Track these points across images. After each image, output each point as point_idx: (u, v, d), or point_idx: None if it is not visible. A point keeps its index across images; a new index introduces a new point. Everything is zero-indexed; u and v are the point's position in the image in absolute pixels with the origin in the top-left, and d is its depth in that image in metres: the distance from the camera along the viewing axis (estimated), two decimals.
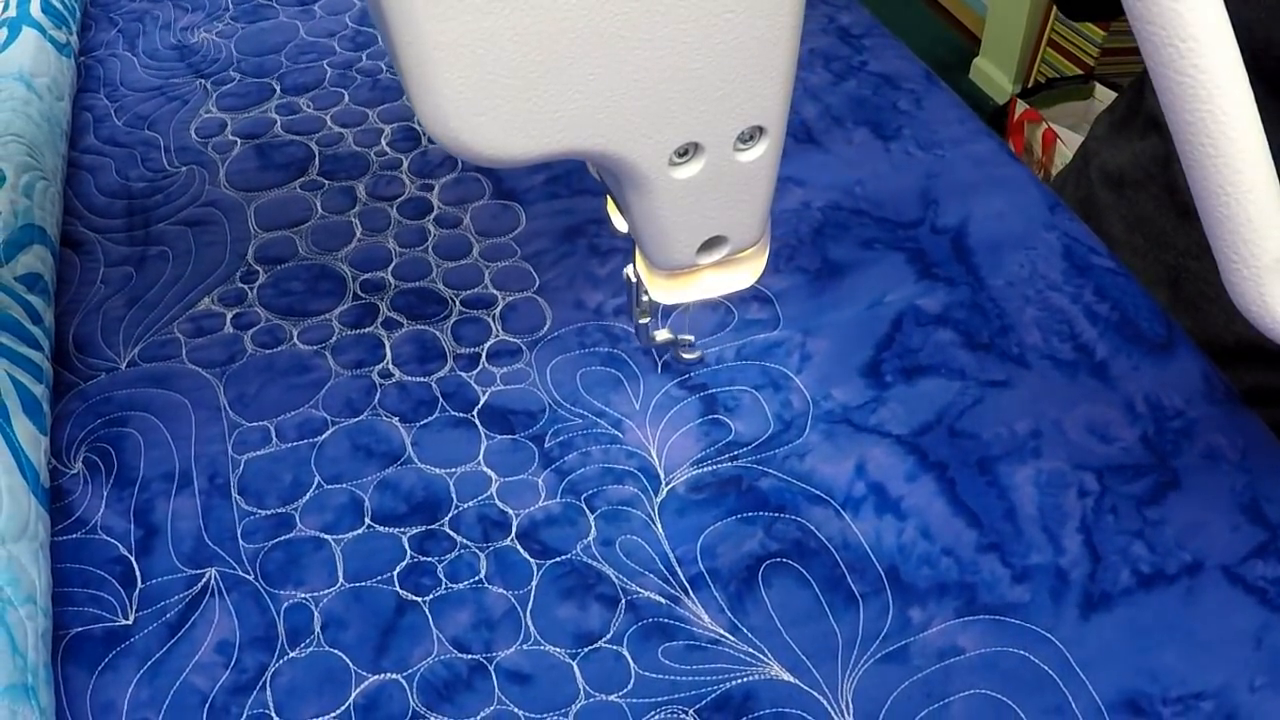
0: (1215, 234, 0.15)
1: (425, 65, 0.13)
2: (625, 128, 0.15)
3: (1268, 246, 0.15)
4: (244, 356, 0.26)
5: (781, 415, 0.24)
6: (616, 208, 0.20)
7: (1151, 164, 0.35)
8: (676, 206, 0.17)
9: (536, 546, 0.22)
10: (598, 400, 0.25)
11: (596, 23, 0.14)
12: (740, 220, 0.18)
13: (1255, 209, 0.15)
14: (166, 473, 0.24)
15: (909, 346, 0.26)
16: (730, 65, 0.15)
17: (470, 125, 0.14)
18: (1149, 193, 0.35)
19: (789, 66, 0.16)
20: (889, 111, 0.33)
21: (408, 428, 0.24)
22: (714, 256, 0.19)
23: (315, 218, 0.30)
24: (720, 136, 0.16)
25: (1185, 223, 0.33)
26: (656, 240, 0.18)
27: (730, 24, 0.15)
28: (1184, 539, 0.22)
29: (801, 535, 0.22)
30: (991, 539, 0.22)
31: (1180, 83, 0.14)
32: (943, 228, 0.29)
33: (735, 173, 0.17)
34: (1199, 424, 0.25)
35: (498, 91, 0.14)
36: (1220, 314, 0.33)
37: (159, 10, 0.39)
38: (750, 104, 0.16)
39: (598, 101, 0.15)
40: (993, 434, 0.24)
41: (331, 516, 0.23)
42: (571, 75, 0.14)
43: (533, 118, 0.14)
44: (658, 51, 0.14)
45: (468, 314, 0.27)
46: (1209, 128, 0.14)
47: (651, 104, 0.15)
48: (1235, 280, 0.16)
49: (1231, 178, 0.15)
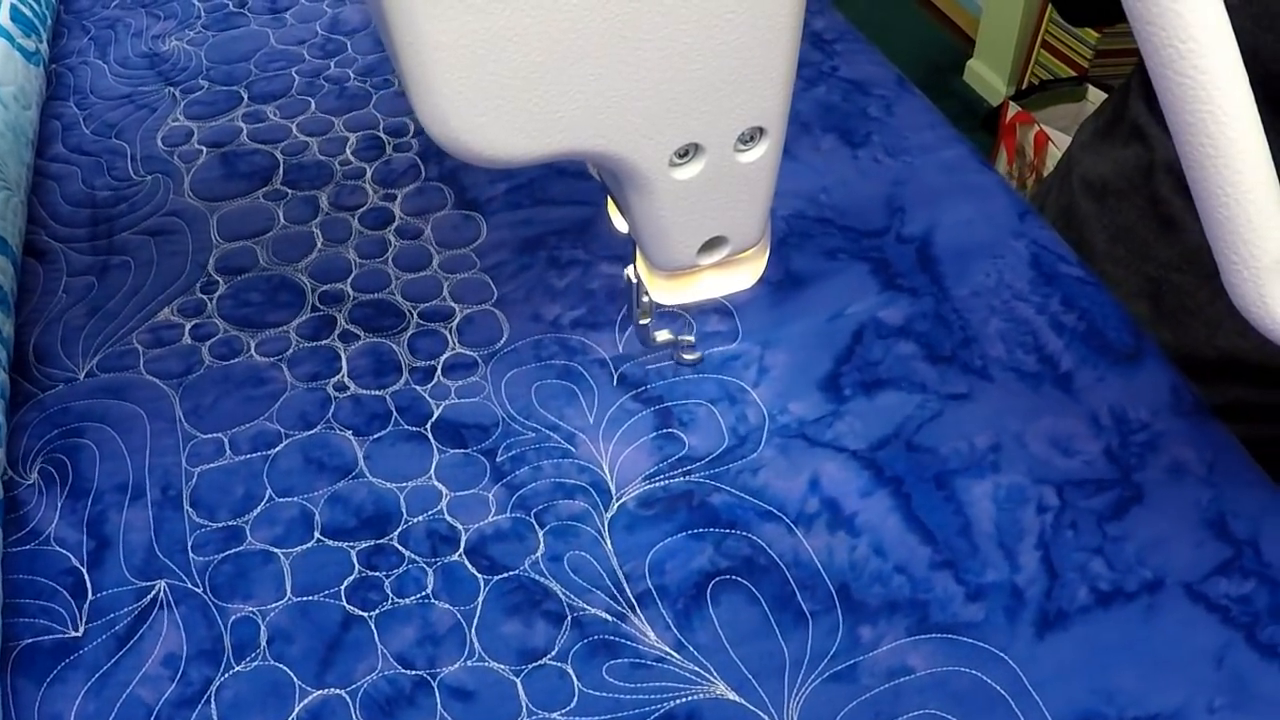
0: (1215, 234, 0.15)
1: (425, 65, 0.13)
2: (626, 128, 0.15)
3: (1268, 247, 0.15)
4: (201, 368, 0.26)
5: (736, 429, 0.24)
6: (617, 208, 0.20)
7: (1134, 174, 0.34)
8: (677, 207, 0.17)
9: (484, 562, 0.22)
10: (551, 414, 0.25)
11: (597, 23, 0.14)
12: (740, 221, 0.18)
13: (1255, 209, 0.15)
14: (120, 484, 0.23)
15: (869, 359, 0.26)
16: (730, 66, 0.15)
17: (470, 125, 0.14)
18: (1131, 203, 0.34)
19: (789, 67, 0.16)
20: (858, 118, 0.33)
21: (360, 441, 0.24)
22: (714, 257, 0.19)
23: (277, 228, 0.30)
24: (720, 137, 0.16)
25: (1167, 234, 0.33)
26: (657, 241, 0.18)
27: (730, 24, 0.14)
28: (1145, 555, 0.22)
29: (752, 552, 0.22)
30: (946, 556, 0.22)
31: (1180, 83, 0.14)
32: (908, 236, 0.29)
33: (735, 173, 0.17)
34: (1165, 437, 0.24)
35: (498, 92, 0.14)
36: (1202, 328, 0.32)
37: (131, 18, 0.39)
38: (750, 104, 0.16)
39: (598, 102, 0.15)
40: (951, 448, 0.24)
41: (282, 530, 0.23)
42: (572, 76, 0.14)
43: (533, 118, 0.14)
44: (658, 52, 0.14)
45: (425, 326, 0.27)
46: (1209, 128, 0.14)
47: (652, 104, 0.15)
48: (1235, 281, 0.15)
49: (1231, 178, 0.14)
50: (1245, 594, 0.22)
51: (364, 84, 0.34)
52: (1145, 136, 0.34)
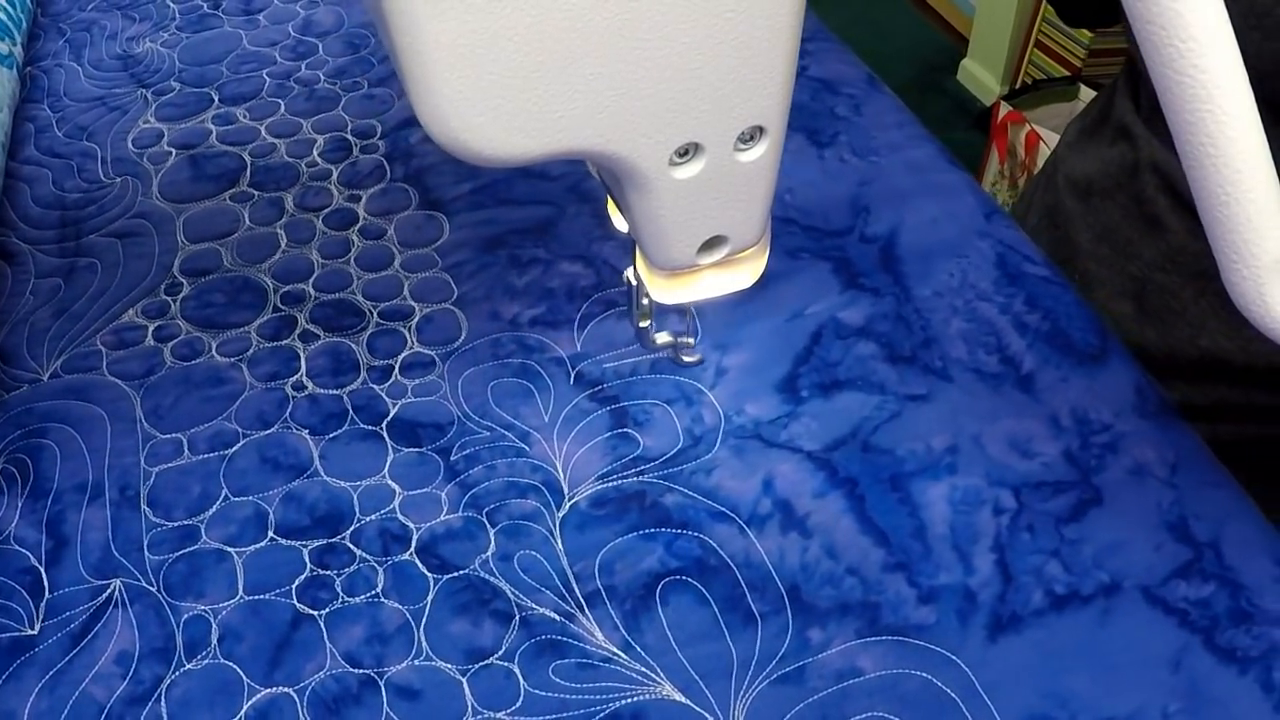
0: (1215, 234, 0.15)
1: (425, 65, 0.13)
2: (626, 128, 0.15)
3: (1267, 247, 0.15)
4: (162, 369, 0.26)
5: (692, 430, 0.24)
6: (617, 207, 0.20)
7: (1119, 173, 0.34)
8: (677, 206, 0.17)
9: (435, 561, 0.22)
10: (507, 413, 0.25)
11: (597, 23, 0.14)
12: (740, 220, 0.18)
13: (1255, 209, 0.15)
14: (80, 484, 0.24)
15: (827, 360, 0.25)
16: (730, 65, 0.15)
17: (470, 125, 0.14)
18: (1116, 202, 0.34)
19: (789, 67, 0.16)
20: (825, 117, 0.33)
21: (317, 440, 0.24)
22: (714, 256, 0.19)
23: (242, 229, 0.30)
24: (720, 136, 0.16)
25: (1152, 233, 0.33)
26: (657, 240, 0.18)
27: (730, 24, 0.14)
28: (1102, 558, 0.22)
29: (703, 553, 0.22)
30: (899, 558, 0.22)
31: (1180, 83, 0.14)
32: (872, 236, 0.29)
33: (735, 173, 0.17)
34: (1127, 438, 0.24)
35: (498, 91, 0.14)
36: (1186, 327, 0.32)
37: (107, 20, 0.39)
38: (750, 104, 0.16)
39: (598, 101, 0.15)
40: (908, 450, 0.24)
41: (236, 529, 0.23)
42: (572, 75, 0.14)
43: (533, 118, 0.14)
44: (658, 51, 0.14)
45: (384, 326, 0.27)
46: (1209, 128, 0.14)
47: (652, 104, 0.15)
48: (1235, 280, 0.15)
49: (1231, 177, 0.14)
50: (1204, 597, 0.21)
51: (334, 86, 0.35)
52: (1131, 136, 0.34)
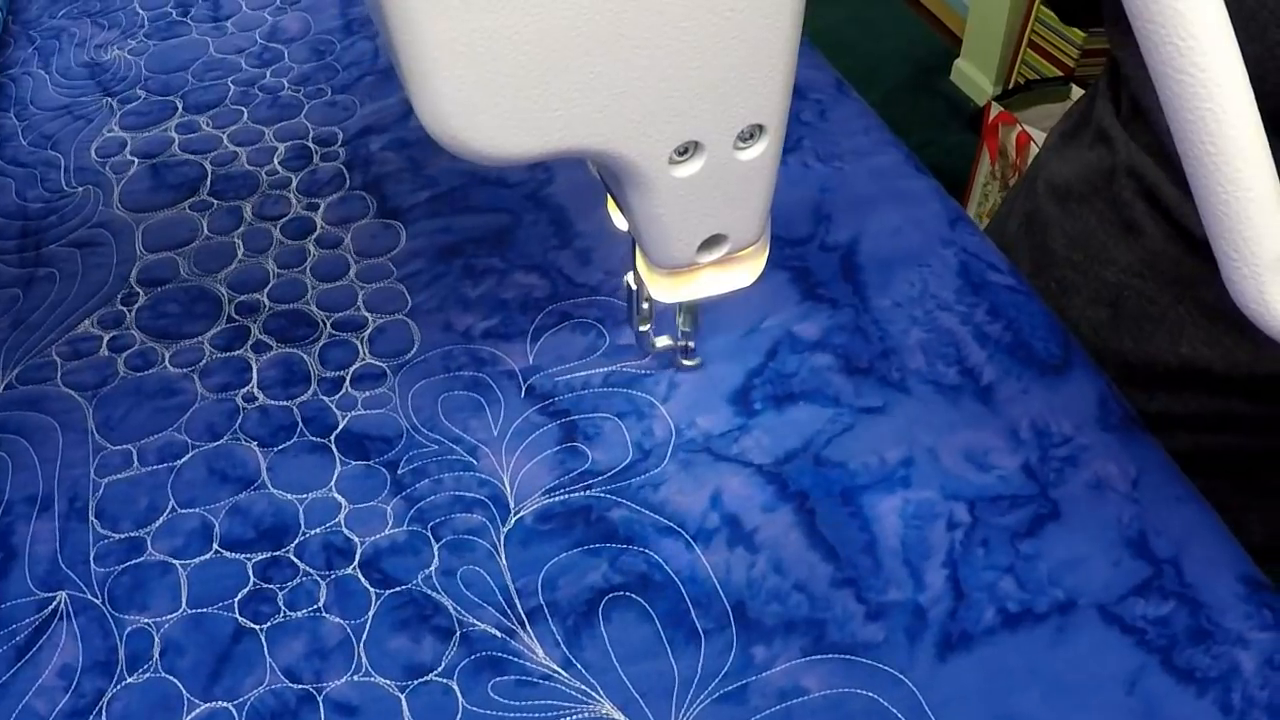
0: (1215, 233, 0.15)
1: (425, 64, 0.13)
2: (625, 126, 0.15)
3: (1267, 245, 0.15)
4: (115, 379, 0.26)
5: (641, 444, 0.24)
6: (616, 206, 0.20)
7: (1096, 177, 0.33)
8: (676, 205, 0.17)
9: (377, 575, 0.22)
10: (456, 426, 0.24)
11: (597, 22, 0.14)
12: (740, 218, 0.18)
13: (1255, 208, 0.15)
14: (30, 496, 0.24)
15: (782, 372, 0.25)
16: (730, 64, 0.15)
17: (470, 124, 0.14)
18: (1092, 207, 0.33)
19: (789, 65, 0.16)
20: (790, 123, 0.32)
21: (265, 452, 0.24)
22: (714, 255, 0.19)
23: (200, 239, 0.30)
24: (720, 135, 0.16)
25: (1128, 239, 0.32)
26: (656, 239, 0.18)
27: (730, 23, 0.14)
28: (1058, 575, 0.21)
29: (648, 568, 0.22)
30: (848, 574, 0.21)
31: (1180, 81, 0.14)
32: (832, 245, 0.28)
33: (735, 171, 0.17)
34: (1088, 451, 0.24)
35: (497, 90, 0.14)
36: (1164, 336, 0.31)
37: (76, 27, 0.39)
38: (750, 102, 0.16)
39: (598, 100, 0.15)
40: (860, 463, 0.23)
41: (181, 541, 0.22)
42: (572, 74, 0.14)
43: (533, 116, 0.14)
44: (658, 50, 0.14)
45: (337, 336, 0.27)
46: (1209, 127, 0.14)
47: (651, 103, 0.15)
48: (1235, 279, 0.16)
49: (1232, 176, 0.14)
50: (1163, 615, 0.21)
51: (297, 93, 0.34)
52: (1109, 139, 0.33)
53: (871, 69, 1.12)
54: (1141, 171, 0.31)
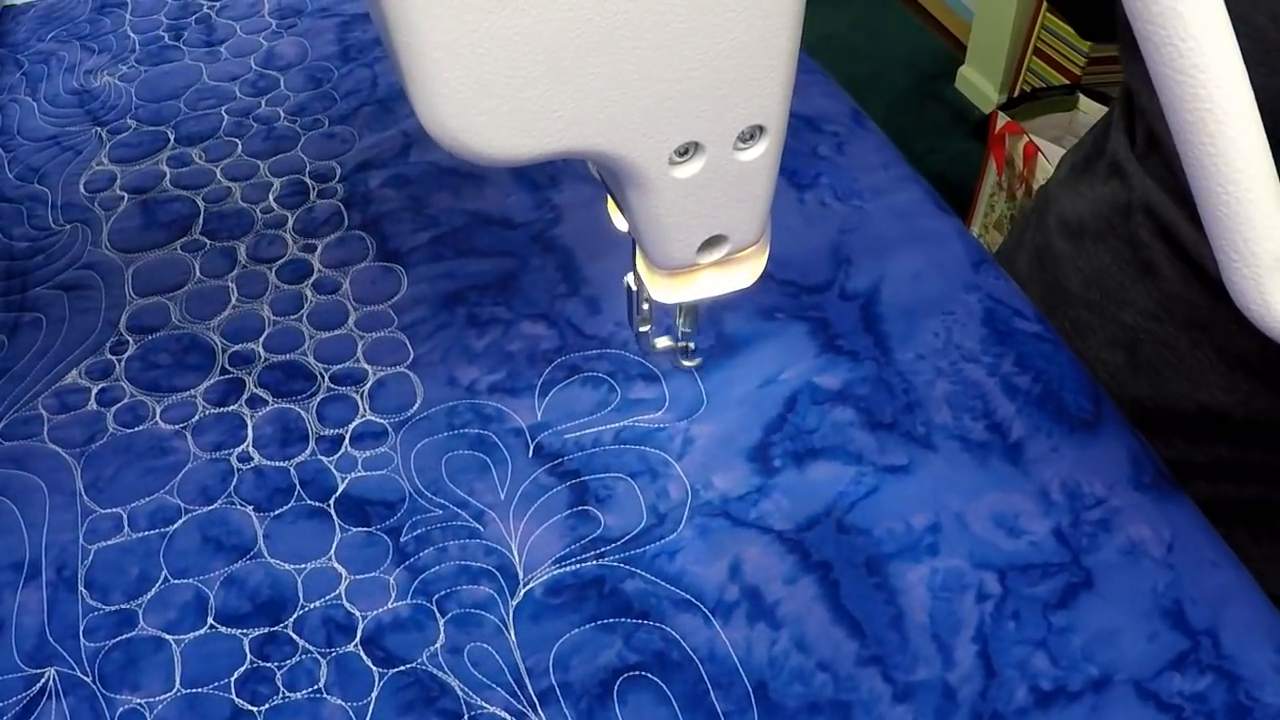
0: (1215, 233, 0.15)
1: (424, 64, 0.13)
2: (625, 127, 0.15)
3: (1268, 246, 0.15)
4: (104, 436, 0.25)
5: (656, 507, 0.23)
6: (616, 207, 0.19)
7: (1112, 214, 0.32)
8: (677, 205, 0.17)
9: (380, 653, 0.21)
10: (461, 489, 0.23)
11: (597, 22, 0.14)
12: (740, 219, 0.18)
13: (1255, 209, 0.15)
14: (16, 563, 0.22)
15: (802, 427, 0.24)
16: (730, 65, 0.15)
17: (469, 124, 0.14)
18: (1108, 245, 0.32)
19: (789, 66, 0.16)
20: (807, 157, 0.31)
21: (261, 518, 0.23)
22: (714, 255, 0.19)
23: (192, 282, 0.28)
24: (720, 135, 0.16)
25: (1146, 280, 0.31)
26: (656, 239, 0.18)
27: (730, 24, 0.15)
28: (1092, 649, 0.20)
29: (664, 645, 0.20)
30: (874, 650, 0.20)
31: (1180, 82, 0.14)
32: (853, 293, 0.27)
33: (735, 172, 0.17)
34: (1122, 514, 0.23)
35: (497, 90, 0.14)
36: (1182, 381, 0.30)
37: (66, 51, 0.37)
38: (750, 103, 0.16)
39: (598, 101, 0.15)
40: (885, 529, 0.22)
41: (174, 615, 0.21)
42: (571, 75, 0.14)
43: (532, 117, 0.14)
44: (658, 51, 0.14)
45: (336, 391, 0.25)
46: (1209, 127, 0.14)
47: (652, 103, 0.15)
48: (1235, 280, 0.16)
49: (1232, 177, 0.14)
50: (1200, 691, 0.20)
51: (293, 124, 0.33)
52: (1124, 174, 0.32)
53: (875, 76, 1.11)
54: (1158, 209, 0.30)
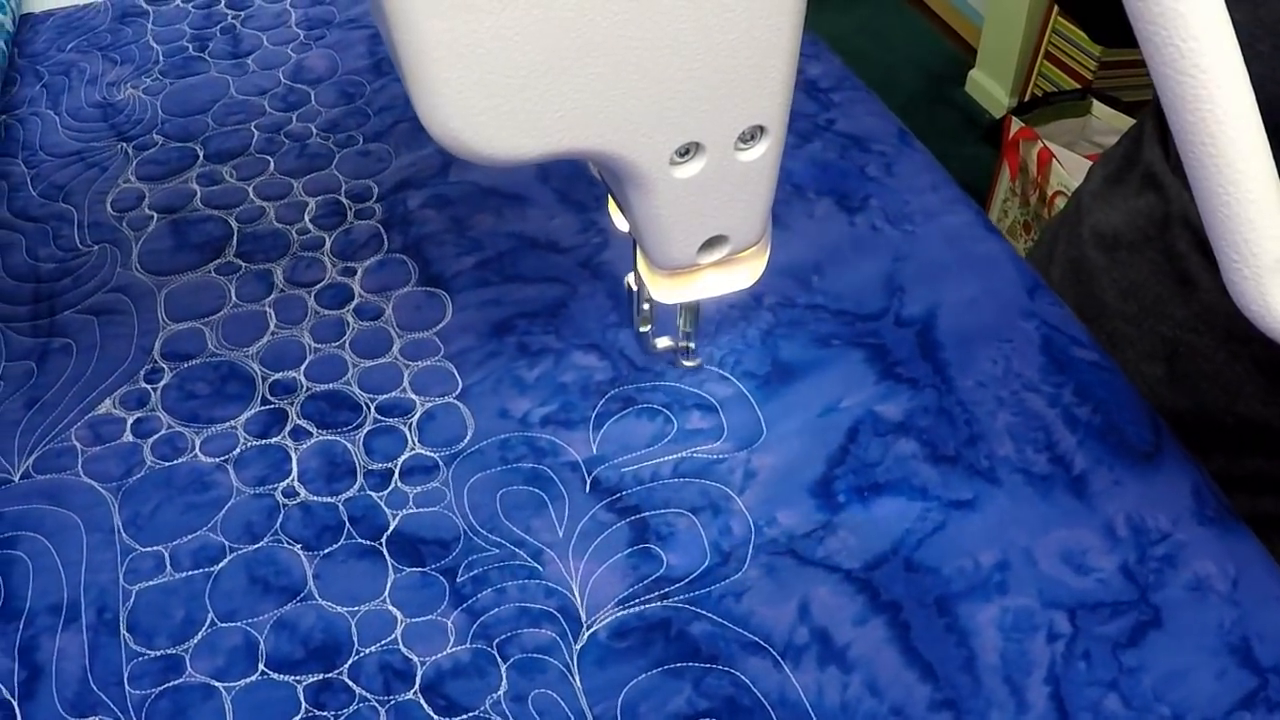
0: (1216, 234, 0.15)
1: (425, 64, 0.13)
2: (626, 127, 0.15)
3: (1268, 247, 0.15)
4: (142, 469, 0.24)
5: (719, 545, 0.22)
6: (617, 207, 0.19)
7: (1149, 225, 0.32)
8: (677, 206, 0.17)
9: (441, 701, 0.20)
10: (517, 526, 0.23)
11: (597, 22, 0.14)
12: (741, 219, 0.18)
13: (1255, 209, 0.15)
14: (54, 605, 0.22)
15: (865, 461, 0.24)
16: (730, 65, 0.15)
17: (470, 124, 0.14)
18: (1144, 257, 0.32)
19: (789, 66, 0.16)
20: (856, 178, 0.31)
21: (310, 557, 0.22)
22: (715, 256, 0.19)
23: (228, 306, 0.28)
24: (721, 136, 0.16)
25: (1184, 292, 0.31)
26: (657, 239, 0.18)
27: (730, 24, 0.14)
28: (1163, 689, 0.20)
29: (735, 691, 0.20)
30: (947, 694, 0.20)
31: (1181, 83, 0.14)
32: (908, 319, 0.27)
33: (736, 172, 0.17)
34: (1187, 549, 0.22)
35: (498, 90, 0.14)
36: (1221, 394, 0.30)
37: (87, 62, 0.36)
38: (751, 103, 0.16)
39: (598, 101, 0.15)
40: (954, 567, 0.22)
41: (223, 660, 0.21)
42: (572, 75, 0.14)
43: (533, 117, 0.14)
44: (658, 51, 0.14)
45: (383, 422, 0.25)
46: (1210, 128, 0.14)
47: (652, 104, 0.15)
48: (1236, 280, 0.16)
49: (1232, 177, 0.14)
50: None
51: (326, 141, 0.32)
52: (1161, 186, 0.32)
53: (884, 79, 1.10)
54: (1196, 221, 0.30)
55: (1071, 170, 0.78)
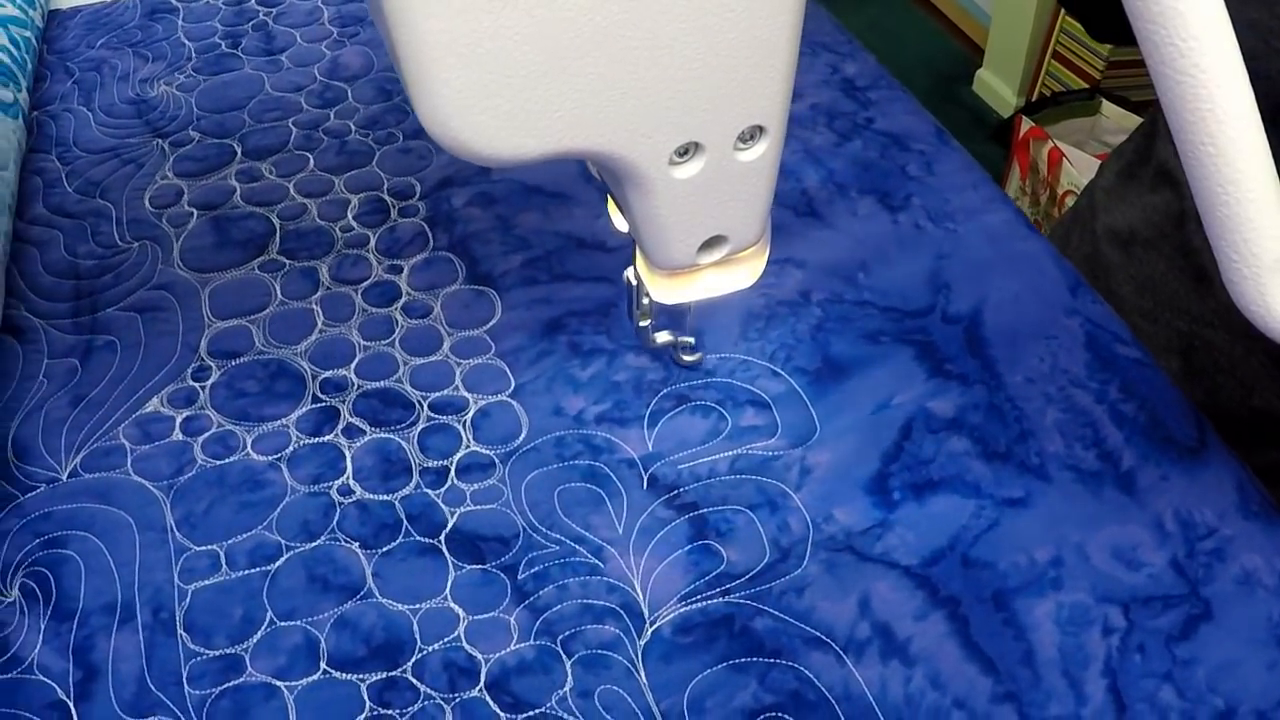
0: (1216, 234, 0.15)
1: (424, 64, 0.13)
2: (625, 127, 0.15)
3: (1268, 246, 0.15)
4: (193, 468, 0.24)
5: (778, 541, 0.22)
6: (617, 207, 0.19)
7: (1164, 222, 0.32)
8: (677, 206, 0.17)
9: (507, 698, 0.20)
10: (576, 523, 0.23)
11: (597, 22, 0.14)
12: (740, 220, 0.18)
13: (1255, 209, 0.15)
14: (108, 604, 0.22)
15: (919, 457, 0.24)
16: (730, 65, 0.15)
17: (470, 124, 0.14)
18: (1160, 253, 0.32)
19: (789, 66, 0.16)
20: (897, 177, 0.31)
21: (368, 555, 0.22)
22: (714, 256, 0.19)
23: (274, 304, 0.28)
24: (720, 136, 0.16)
25: (1200, 287, 0.31)
26: (657, 240, 0.18)
27: (730, 24, 0.14)
28: (1216, 680, 0.20)
29: (799, 685, 0.20)
30: (1008, 687, 0.20)
31: (1181, 82, 0.14)
32: (954, 316, 0.27)
33: (735, 172, 0.17)
34: (1234, 543, 0.22)
35: (497, 90, 0.14)
36: (1237, 387, 0.30)
37: (118, 59, 0.36)
38: (750, 103, 0.16)
39: (598, 101, 0.15)
40: (1010, 563, 0.22)
41: (284, 660, 0.21)
42: (572, 75, 0.14)
43: (532, 117, 0.14)
44: (658, 51, 0.14)
45: (436, 420, 0.25)
46: (1209, 127, 0.14)
47: (651, 103, 0.15)
48: (1235, 280, 0.16)
49: (1232, 177, 0.14)
50: None
51: (365, 138, 0.32)
52: (1176, 183, 0.32)
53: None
54: None
55: (1082, 170, 0.79)
